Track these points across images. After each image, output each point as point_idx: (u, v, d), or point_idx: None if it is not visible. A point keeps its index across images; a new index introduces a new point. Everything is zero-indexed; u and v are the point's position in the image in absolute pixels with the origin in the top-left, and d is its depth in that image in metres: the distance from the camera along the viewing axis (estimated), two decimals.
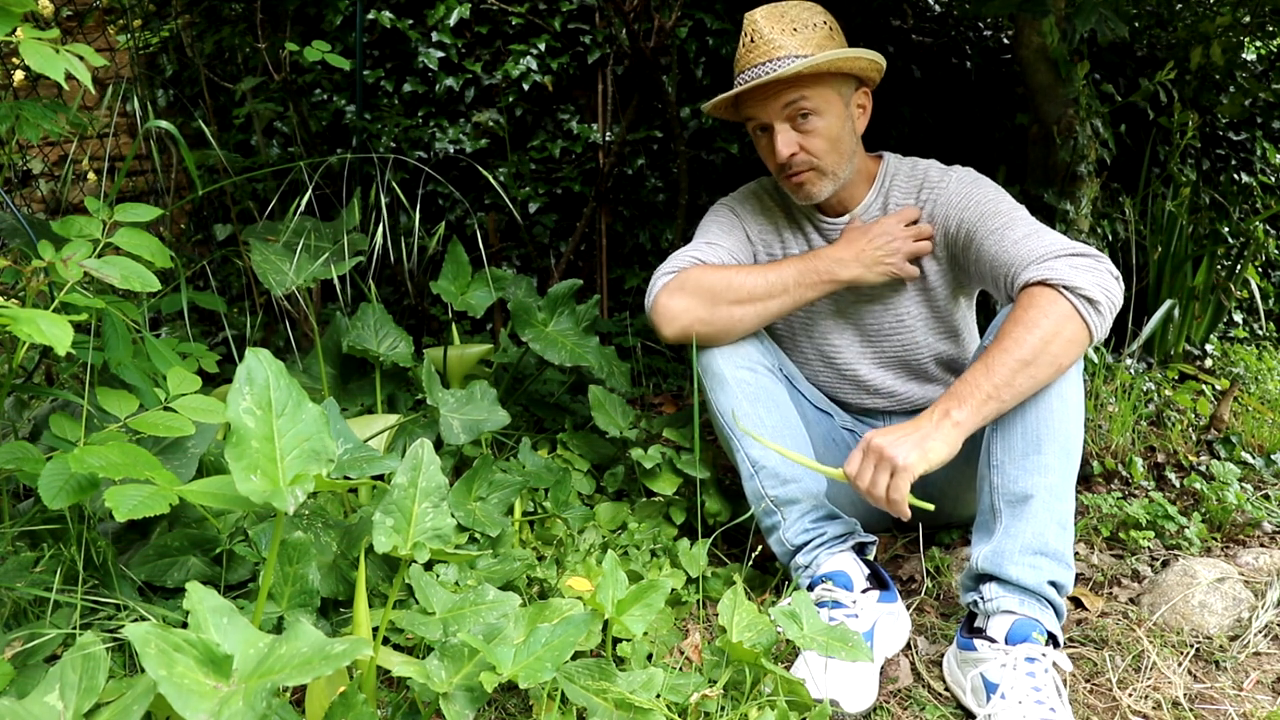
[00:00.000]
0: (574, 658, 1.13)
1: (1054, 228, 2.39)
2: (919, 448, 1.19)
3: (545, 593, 1.45)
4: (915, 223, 1.49)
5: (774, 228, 1.60)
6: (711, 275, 1.46)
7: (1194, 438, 2.21)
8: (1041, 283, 1.24)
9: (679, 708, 1.13)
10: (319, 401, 1.13)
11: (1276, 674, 1.30)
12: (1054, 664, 1.18)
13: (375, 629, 1.13)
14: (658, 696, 1.10)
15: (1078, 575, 1.58)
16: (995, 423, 1.30)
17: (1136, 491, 1.91)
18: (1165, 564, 1.61)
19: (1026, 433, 1.26)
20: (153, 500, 0.96)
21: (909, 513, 1.23)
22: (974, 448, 1.40)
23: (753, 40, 1.43)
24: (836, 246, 1.49)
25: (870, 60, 1.44)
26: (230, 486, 0.98)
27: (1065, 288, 1.22)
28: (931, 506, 1.27)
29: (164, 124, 1.43)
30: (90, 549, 1.16)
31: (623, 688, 1.08)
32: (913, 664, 1.33)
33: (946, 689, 1.27)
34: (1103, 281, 1.23)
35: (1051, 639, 1.21)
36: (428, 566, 1.36)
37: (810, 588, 1.39)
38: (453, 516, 1.21)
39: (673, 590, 1.46)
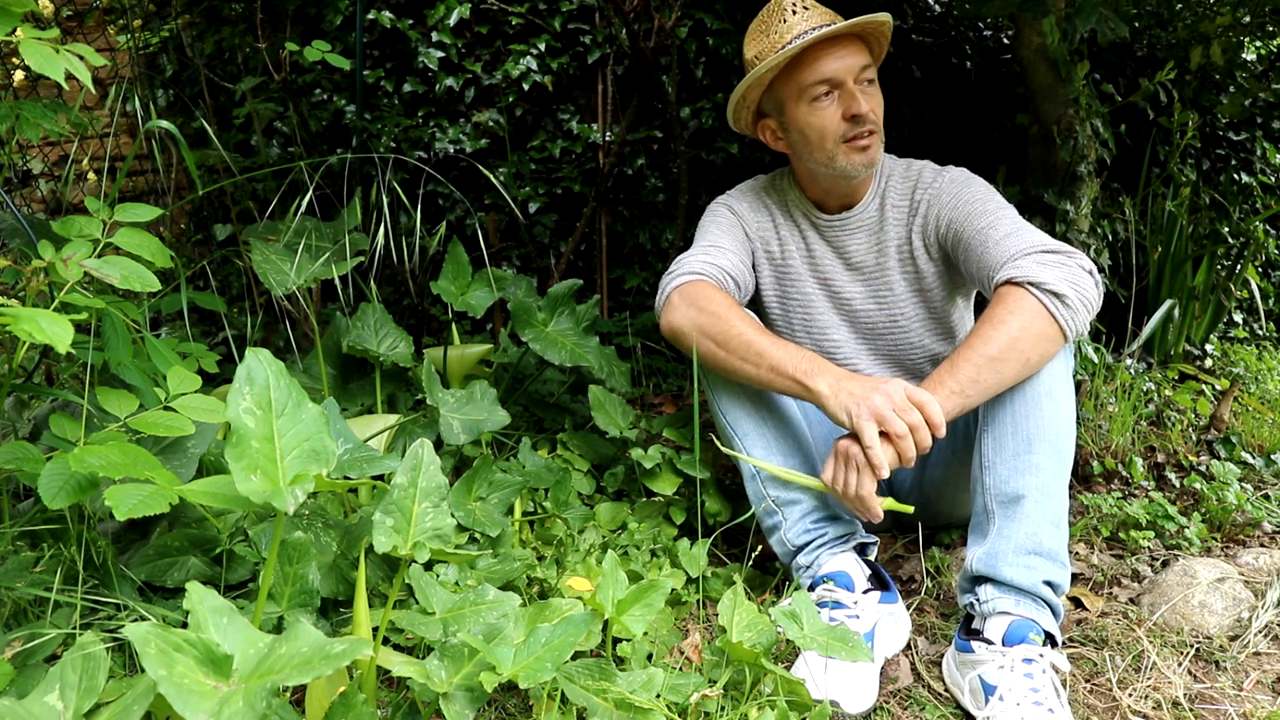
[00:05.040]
0: (574, 658, 1.13)
1: (1054, 228, 2.41)
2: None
3: (545, 593, 1.45)
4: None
5: (771, 225, 1.60)
6: (721, 315, 1.38)
7: (1194, 438, 2.20)
8: (1009, 281, 1.26)
9: (679, 708, 1.13)
10: (319, 401, 1.13)
11: (1276, 674, 1.30)
12: (1052, 664, 1.18)
13: (375, 629, 1.13)
14: (658, 696, 1.10)
15: (1078, 575, 1.58)
16: (986, 424, 1.30)
17: (1136, 491, 1.91)
18: (1165, 564, 1.61)
19: (1017, 433, 1.26)
20: (153, 500, 0.96)
21: (880, 513, 1.26)
22: (968, 449, 1.41)
23: (806, 7, 1.43)
24: (836, 370, 1.30)
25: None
26: (230, 486, 0.98)
27: (1031, 284, 1.24)
28: (910, 509, 1.30)
29: (164, 124, 1.43)
30: (90, 549, 1.16)
31: (623, 688, 1.08)
32: (913, 664, 1.33)
33: (946, 689, 1.27)
34: (1071, 276, 1.24)
35: (1049, 639, 1.21)
36: (428, 566, 1.36)
37: (811, 588, 1.39)
38: (453, 516, 1.21)
39: (673, 590, 1.46)
